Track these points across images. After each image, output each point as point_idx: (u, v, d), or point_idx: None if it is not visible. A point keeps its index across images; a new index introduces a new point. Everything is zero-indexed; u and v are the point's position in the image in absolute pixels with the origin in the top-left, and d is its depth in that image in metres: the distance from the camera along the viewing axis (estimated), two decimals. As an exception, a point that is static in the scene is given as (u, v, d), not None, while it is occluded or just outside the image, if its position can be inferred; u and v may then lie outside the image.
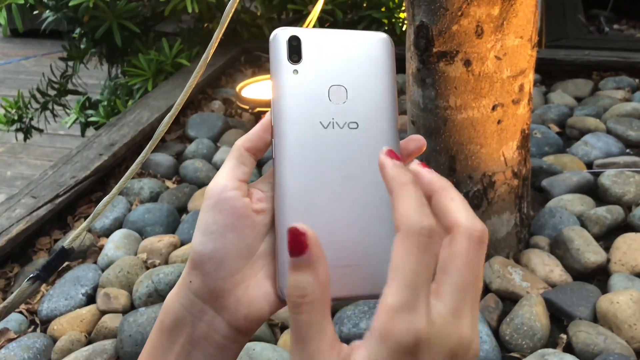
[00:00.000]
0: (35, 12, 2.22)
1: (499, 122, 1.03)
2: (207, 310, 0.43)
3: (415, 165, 0.40)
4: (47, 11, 2.19)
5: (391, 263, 0.33)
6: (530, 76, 1.05)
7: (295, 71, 0.44)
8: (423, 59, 1.01)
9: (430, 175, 0.39)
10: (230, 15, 0.74)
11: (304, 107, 0.44)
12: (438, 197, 0.37)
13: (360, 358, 0.32)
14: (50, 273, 0.82)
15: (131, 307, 1.11)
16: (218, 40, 0.75)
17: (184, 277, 0.44)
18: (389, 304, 0.32)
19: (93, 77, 2.74)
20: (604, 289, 1.07)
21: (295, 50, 0.45)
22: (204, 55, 0.74)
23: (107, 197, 0.78)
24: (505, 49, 0.98)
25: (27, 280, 0.75)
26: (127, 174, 0.82)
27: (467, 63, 0.98)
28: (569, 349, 0.97)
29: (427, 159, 1.09)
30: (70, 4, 1.95)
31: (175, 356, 0.43)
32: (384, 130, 0.45)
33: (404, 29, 2.16)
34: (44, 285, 1.15)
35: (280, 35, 0.44)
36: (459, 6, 0.94)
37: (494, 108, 1.02)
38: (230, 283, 0.42)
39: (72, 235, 0.77)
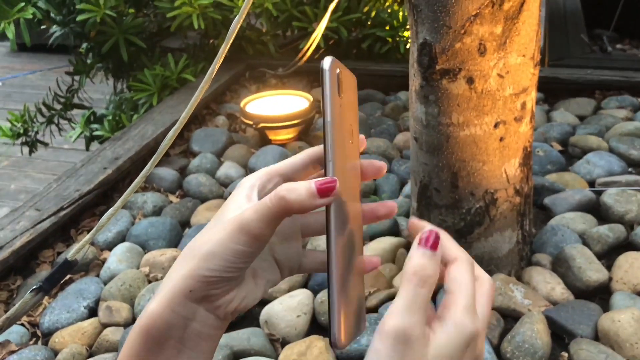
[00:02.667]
0: (42, 27, 2.24)
1: (501, 139, 1.04)
2: (200, 311, 0.45)
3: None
4: (55, 26, 2.21)
5: (451, 287, 0.44)
6: (533, 94, 1.06)
7: (340, 106, 0.46)
8: (426, 76, 1.02)
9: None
10: (236, 32, 0.75)
11: (342, 144, 0.46)
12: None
13: (442, 337, 0.42)
14: (53, 285, 0.82)
15: (133, 320, 1.12)
16: (223, 56, 0.76)
17: (181, 287, 0.44)
18: (462, 305, 0.43)
19: (99, 91, 2.76)
20: (606, 307, 1.07)
21: (340, 85, 0.46)
22: (209, 71, 0.75)
23: (111, 209, 0.79)
24: (507, 67, 0.99)
25: (30, 292, 0.75)
26: (131, 187, 0.82)
27: (470, 80, 0.99)
28: (570, 367, 0.97)
29: (430, 176, 1.09)
30: (78, 19, 1.97)
31: (165, 358, 0.45)
32: (358, 168, 0.50)
33: (407, 47, 2.18)
34: (46, 297, 1.16)
35: (333, 67, 0.45)
36: (462, 24, 0.95)
37: (496, 125, 1.02)
38: (228, 287, 0.45)
39: (75, 247, 0.78)
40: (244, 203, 0.46)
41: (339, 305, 0.43)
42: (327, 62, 0.45)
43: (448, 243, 0.46)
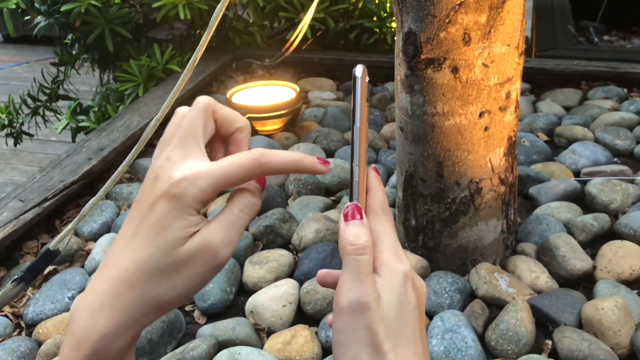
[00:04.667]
0: (27, 18, 2.22)
1: (485, 129, 1.04)
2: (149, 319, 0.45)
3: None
4: (39, 16, 2.19)
5: (373, 240, 0.46)
6: (517, 83, 1.06)
7: (365, 113, 0.48)
8: (411, 66, 1.02)
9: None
10: (218, 19, 0.74)
11: (365, 149, 0.48)
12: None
13: (384, 286, 0.44)
14: (35, 275, 0.81)
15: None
16: (206, 43, 0.75)
17: (140, 321, 0.43)
18: (387, 251, 0.45)
19: (85, 83, 2.74)
20: (590, 295, 1.08)
21: (367, 93, 0.48)
22: (192, 58, 0.75)
23: (93, 199, 0.78)
24: (492, 57, 0.99)
25: (12, 281, 0.75)
26: (113, 176, 0.82)
27: (455, 70, 0.99)
28: (554, 354, 0.97)
29: (415, 165, 1.09)
30: (62, 9, 1.95)
31: None
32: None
33: (395, 38, 2.18)
34: (30, 289, 1.15)
35: (364, 74, 0.47)
36: (446, 13, 0.95)
37: (481, 115, 1.02)
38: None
39: (57, 237, 0.77)
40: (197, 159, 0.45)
41: None
42: (359, 69, 0.47)
43: (370, 197, 0.48)
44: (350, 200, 0.46)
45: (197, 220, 0.43)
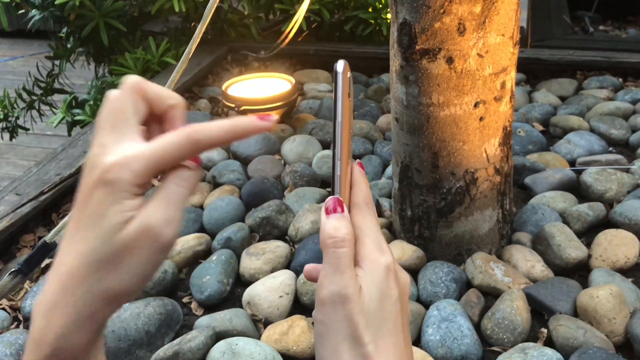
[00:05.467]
0: (21, 11, 2.21)
1: (481, 119, 1.04)
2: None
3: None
4: (33, 10, 2.18)
5: (356, 233, 0.46)
6: (512, 73, 1.06)
7: (348, 108, 0.47)
8: (406, 57, 1.02)
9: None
10: (212, 11, 0.74)
11: (347, 144, 0.47)
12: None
13: (365, 278, 0.44)
14: (32, 267, 0.82)
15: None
16: (201, 33, 0.75)
17: (95, 316, 0.42)
18: (369, 244, 0.45)
19: (81, 77, 2.73)
20: (585, 284, 1.08)
21: (350, 87, 0.47)
22: (186, 50, 0.75)
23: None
24: (487, 47, 0.99)
25: (9, 274, 0.75)
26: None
27: (450, 60, 0.99)
28: (549, 343, 0.98)
29: (411, 156, 1.09)
30: (56, 2, 1.94)
31: None
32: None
33: (390, 29, 2.17)
34: (27, 282, 1.15)
35: (346, 70, 0.46)
36: (441, 4, 0.95)
37: (476, 105, 1.03)
38: None
39: (54, 230, 0.77)
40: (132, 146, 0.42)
41: None
42: (340, 65, 0.46)
43: (354, 191, 0.48)
44: (332, 194, 0.46)
45: (135, 204, 0.40)
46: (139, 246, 0.40)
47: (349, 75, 0.47)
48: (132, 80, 0.43)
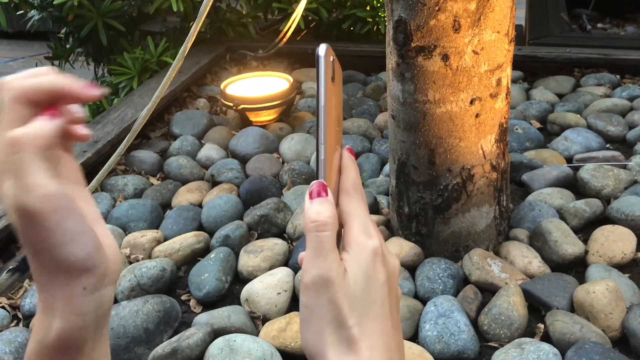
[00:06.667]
0: (20, 12, 2.22)
1: (477, 115, 1.04)
2: None
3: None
4: (32, 10, 2.19)
5: (343, 218, 0.45)
6: (508, 70, 1.07)
7: (332, 92, 0.47)
8: (402, 54, 1.02)
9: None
10: (208, 8, 0.75)
11: (332, 129, 0.47)
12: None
13: (351, 262, 0.43)
14: (30, 265, 0.82)
15: (114, 300, 1.12)
16: (197, 30, 0.76)
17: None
18: (356, 228, 0.44)
19: (80, 77, 2.73)
20: (582, 280, 1.09)
21: (333, 72, 0.47)
22: (182, 48, 0.75)
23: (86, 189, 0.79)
24: (482, 44, 1.00)
25: (7, 272, 0.76)
26: (105, 166, 0.83)
27: (445, 57, 1.00)
28: (546, 338, 0.98)
29: (408, 153, 1.10)
30: (55, 2, 1.95)
31: None
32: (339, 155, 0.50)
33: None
34: (27, 280, 1.16)
35: (329, 53, 0.46)
36: (436, 1, 0.95)
37: (472, 102, 1.03)
38: None
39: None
40: None
41: None
42: (322, 48, 0.46)
43: (343, 176, 0.47)
44: (317, 178, 0.46)
45: None
46: None
47: (331, 59, 0.46)
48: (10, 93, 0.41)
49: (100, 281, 0.42)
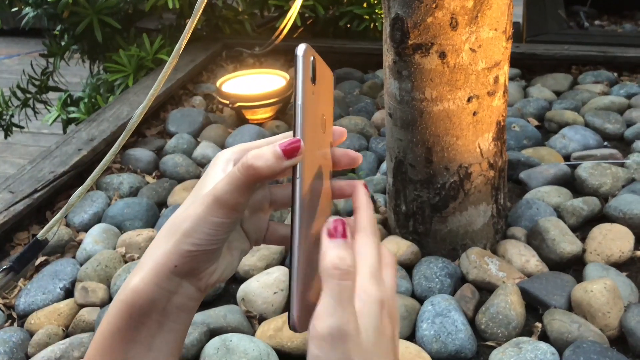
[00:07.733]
0: (14, 9, 2.20)
1: (474, 113, 1.04)
2: (184, 284, 0.46)
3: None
4: (27, 7, 2.17)
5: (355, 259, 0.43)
6: (505, 68, 1.06)
7: (313, 93, 0.46)
8: (399, 51, 1.02)
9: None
10: (203, 6, 0.74)
11: (313, 129, 0.46)
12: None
13: (362, 316, 0.41)
14: (24, 264, 0.81)
15: (109, 300, 1.11)
16: (192, 27, 0.75)
17: (166, 263, 0.45)
18: (365, 274, 0.42)
19: (76, 75, 2.72)
20: (580, 278, 1.08)
21: (314, 72, 0.46)
22: (177, 45, 0.74)
23: (80, 188, 0.78)
24: (479, 41, 0.99)
25: (1, 271, 0.75)
26: (100, 165, 0.82)
27: (442, 55, 0.99)
28: (544, 337, 0.98)
29: (405, 151, 1.09)
30: (50, -1, 1.94)
31: (147, 330, 0.46)
32: (329, 157, 0.50)
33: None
34: (22, 280, 1.15)
35: (308, 53, 0.45)
36: (433, -2, 0.95)
37: (469, 100, 1.03)
38: (210, 260, 0.47)
39: (45, 226, 0.77)
40: (220, 177, 0.46)
41: (299, 285, 0.43)
42: (301, 48, 0.45)
43: (358, 215, 0.46)
44: (292, 179, 0.44)
45: None
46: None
47: (312, 59, 0.45)
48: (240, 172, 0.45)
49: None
